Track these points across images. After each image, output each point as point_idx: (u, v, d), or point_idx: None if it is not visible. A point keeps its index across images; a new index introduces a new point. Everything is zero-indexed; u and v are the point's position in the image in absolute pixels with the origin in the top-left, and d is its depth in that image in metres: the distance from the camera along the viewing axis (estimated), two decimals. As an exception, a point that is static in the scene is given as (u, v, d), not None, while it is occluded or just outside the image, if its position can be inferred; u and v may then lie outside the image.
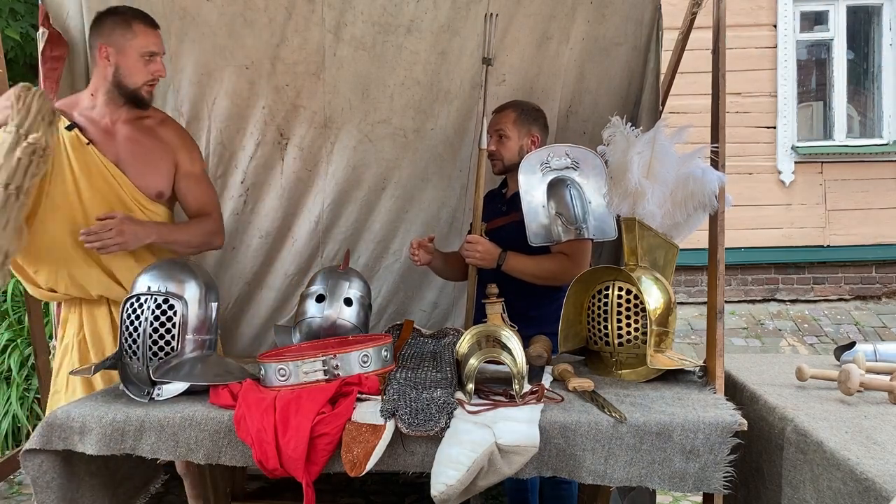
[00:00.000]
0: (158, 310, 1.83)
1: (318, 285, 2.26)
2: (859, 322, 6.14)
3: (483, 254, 2.44)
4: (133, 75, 2.24)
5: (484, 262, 2.46)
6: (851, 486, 1.33)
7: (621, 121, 2.09)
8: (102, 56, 2.23)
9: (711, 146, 1.98)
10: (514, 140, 2.57)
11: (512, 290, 2.43)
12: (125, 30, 2.22)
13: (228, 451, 1.67)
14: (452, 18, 2.78)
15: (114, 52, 2.22)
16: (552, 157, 2.46)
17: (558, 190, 2.46)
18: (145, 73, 2.25)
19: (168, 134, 2.42)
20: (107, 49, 2.22)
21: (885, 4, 6.47)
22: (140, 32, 2.23)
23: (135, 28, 2.22)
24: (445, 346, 2.14)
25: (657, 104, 2.82)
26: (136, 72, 2.24)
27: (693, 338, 5.87)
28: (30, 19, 5.62)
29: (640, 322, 2.00)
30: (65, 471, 1.76)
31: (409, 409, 1.62)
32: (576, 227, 2.43)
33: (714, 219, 1.99)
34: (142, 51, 2.23)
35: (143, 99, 2.29)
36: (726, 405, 1.72)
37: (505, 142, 2.58)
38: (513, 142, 2.57)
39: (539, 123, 2.64)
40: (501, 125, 2.58)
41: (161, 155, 2.38)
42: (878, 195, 6.41)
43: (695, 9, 2.44)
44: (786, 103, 6.38)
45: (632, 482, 1.62)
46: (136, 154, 2.32)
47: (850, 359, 2.00)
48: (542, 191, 2.45)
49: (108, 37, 2.22)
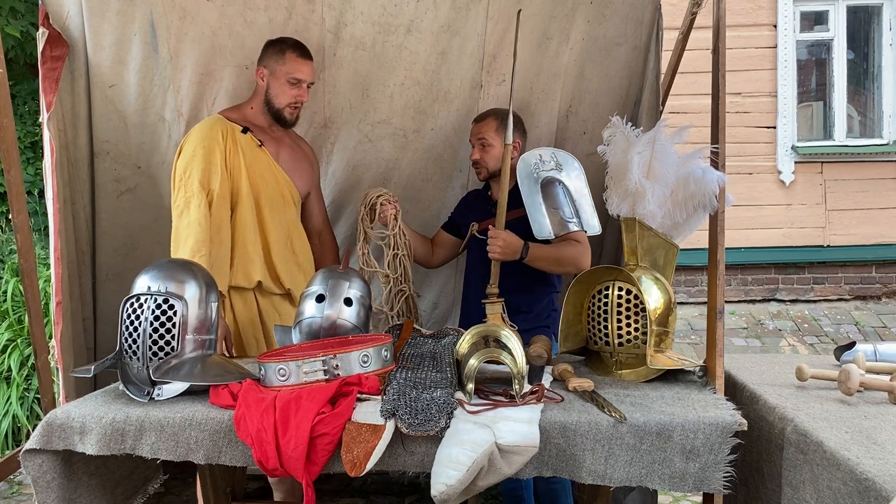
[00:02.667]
0: (158, 310, 1.83)
1: (318, 285, 2.26)
2: (859, 322, 6.14)
3: (505, 246, 2.46)
4: (278, 96, 2.55)
5: (506, 254, 2.47)
6: (851, 486, 1.33)
7: (621, 121, 2.09)
8: (259, 76, 2.58)
9: (711, 146, 1.98)
10: (497, 147, 2.63)
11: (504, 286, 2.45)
12: (279, 56, 2.54)
13: (228, 451, 1.67)
14: (452, 18, 2.78)
15: (267, 73, 2.56)
16: (542, 160, 2.63)
17: (551, 189, 2.59)
18: (289, 95, 2.55)
19: (305, 146, 2.82)
20: (262, 70, 2.57)
21: (885, 4, 6.47)
22: (290, 60, 2.53)
23: (287, 56, 2.53)
24: (445, 346, 2.13)
25: (657, 104, 2.82)
26: (280, 93, 2.54)
27: (693, 338, 5.87)
28: (30, 18, 5.62)
29: (640, 322, 2.00)
30: (65, 471, 1.76)
31: (409, 409, 1.62)
32: (570, 221, 2.56)
33: (714, 219, 1.99)
34: (288, 76, 2.53)
35: (285, 119, 2.60)
36: (726, 405, 1.72)
37: (488, 150, 2.66)
38: (496, 149, 2.64)
39: (518, 129, 2.72)
40: (483, 134, 2.66)
41: (307, 162, 2.76)
42: (878, 195, 6.41)
43: (695, 9, 2.44)
44: (786, 103, 6.38)
45: (632, 482, 1.62)
46: (293, 158, 2.68)
47: (850, 359, 2.00)
48: (538, 190, 2.58)
49: (265, 60, 2.57)
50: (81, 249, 2.86)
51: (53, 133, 2.63)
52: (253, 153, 2.55)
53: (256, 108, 2.61)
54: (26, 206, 2.41)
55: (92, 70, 2.77)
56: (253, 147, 2.55)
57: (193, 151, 2.46)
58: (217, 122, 2.54)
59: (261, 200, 2.55)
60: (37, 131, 6.23)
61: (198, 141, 2.48)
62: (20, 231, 2.36)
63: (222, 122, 2.54)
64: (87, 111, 2.82)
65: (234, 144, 2.51)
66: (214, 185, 2.44)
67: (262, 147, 2.57)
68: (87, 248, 2.91)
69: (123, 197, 2.94)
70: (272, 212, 2.57)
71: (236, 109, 2.65)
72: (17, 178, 2.33)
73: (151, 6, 2.69)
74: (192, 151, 2.47)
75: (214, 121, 2.56)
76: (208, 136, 2.48)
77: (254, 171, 2.54)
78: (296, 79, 2.54)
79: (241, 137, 2.53)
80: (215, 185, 2.44)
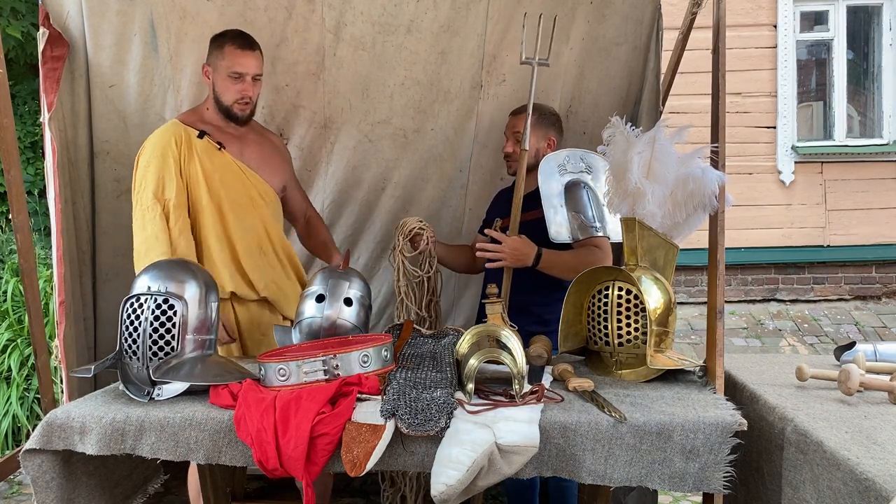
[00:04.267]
0: (158, 310, 1.83)
1: (318, 285, 2.26)
2: (859, 322, 6.14)
3: (517, 253, 2.43)
4: (224, 93, 2.45)
5: (519, 261, 2.44)
6: (851, 486, 1.33)
7: (621, 121, 2.09)
8: (204, 74, 2.49)
9: (711, 146, 1.98)
10: (532, 143, 2.59)
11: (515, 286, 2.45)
12: (218, 51, 2.44)
13: (228, 451, 1.67)
14: (452, 18, 2.78)
15: (211, 70, 2.46)
16: (569, 161, 2.59)
17: (575, 192, 2.57)
18: (233, 91, 2.43)
19: (274, 138, 2.73)
20: (206, 68, 2.47)
21: (885, 4, 6.47)
22: (228, 54, 2.41)
23: (225, 50, 2.42)
24: (445, 346, 2.13)
25: (657, 104, 2.82)
26: (225, 90, 2.44)
27: (693, 338, 5.87)
28: (31, 18, 5.62)
29: (640, 322, 2.00)
30: (64, 470, 1.76)
31: (409, 409, 1.62)
32: (592, 226, 2.52)
33: (714, 219, 1.99)
34: (229, 71, 2.41)
35: (236, 116, 2.48)
36: (726, 405, 1.72)
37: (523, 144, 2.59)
38: (531, 144, 2.58)
39: (556, 127, 2.70)
40: (520, 128, 2.60)
41: (277, 155, 2.66)
42: (878, 195, 6.41)
43: (695, 9, 2.44)
44: (786, 103, 6.38)
45: (632, 482, 1.62)
46: (260, 154, 2.57)
47: (850, 359, 2.00)
48: (560, 192, 2.55)
49: (208, 56, 2.48)
50: (82, 249, 2.87)
51: (55, 133, 2.63)
52: (212, 158, 2.43)
53: (211, 108, 2.50)
54: (26, 206, 2.41)
55: (92, 70, 2.77)
56: (212, 151, 2.43)
57: (147, 162, 2.38)
58: (171, 129, 2.43)
59: (224, 207, 2.43)
60: (37, 131, 6.23)
61: (151, 150, 2.39)
62: (20, 231, 2.36)
63: (177, 128, 2.43)
64: (87, 111, 2.82)
65: (190, 151, 2.40)
66: (169, 195, 2.34)
67: (223, 150, 2.45)
68: (88, 248, 2.91)
69: (123, 197, 2.94)
70: (238, 217, 2.45)
71: (194, 112, 2.55)
72: (17, 178, 2.33)
73: (151, 6, 2.69)
74: (147, 162, 2.38)
75: (169, 127, 2.45)
76: (160, 145, 2.38)
77: (213, 177, 2.42)
78: (236, 73, 2.40)
79: (198, 143, 2.41)
80: (170, 194, 2.34)
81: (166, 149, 2.38)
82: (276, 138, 2.76)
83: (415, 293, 2.53)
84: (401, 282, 2.52)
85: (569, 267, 2.45)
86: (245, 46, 2.43)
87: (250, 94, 2.46)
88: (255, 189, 2.51)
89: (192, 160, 2.41)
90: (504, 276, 2.47)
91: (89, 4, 2.66)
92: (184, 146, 2.40)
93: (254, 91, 2.47)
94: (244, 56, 2.42)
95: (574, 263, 2.42)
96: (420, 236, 2.53)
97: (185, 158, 2.40)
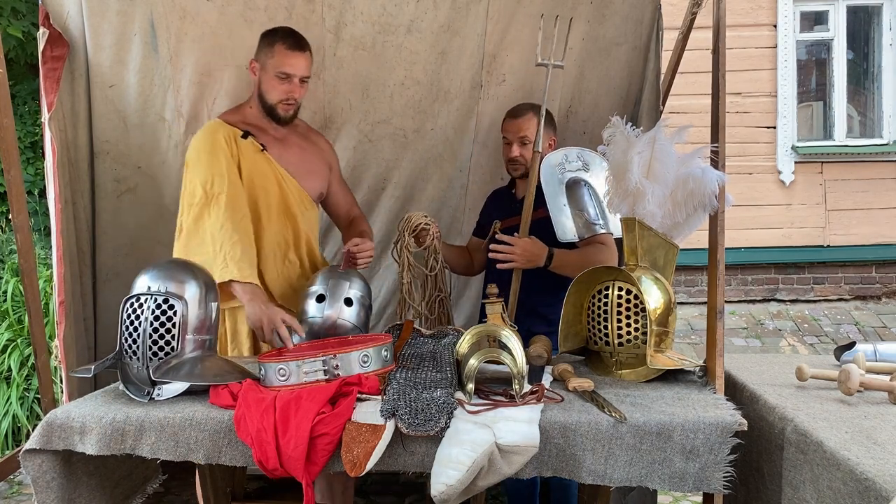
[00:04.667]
0: (158, 310, 1.83)
1: (318, 285, 2.26)
2: (859, 322, 6.14)
3: (528, 254, 2.43)
4: (269, 91, 2.40)
5: (530, 262, 2.45)
6: (851, 486, 1.33)
7: (621, 121, 2.09)
8: (251, 69, 2.43)
9: (711, 146, 1.98)
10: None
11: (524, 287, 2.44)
12: (268, 48, 2.38)
13: (228, 451, 1.67)
14: (452, 18, 2.78)
15: (258, 67, 2.42)
16: (567, 159, 2.59)
17: (576, 190, 2.57)
18: (279, 91, 2.38)
19: (319, 140, 2.66)
20: (254, 64, 2.43)
21: (885, 4, 6.47)
22: (278, 52, 2.36)
23: (276, 48, 2.37)
24: (445, 346, 2.13)
25: (657, 104, 2.82)
26: (271, 89, 2.39)
27: (693, 338, 5.87)
28: (31, 18, 5.63)
29: (640, 322, 2.00)
30: (64, 470, 1.76)
31: (409, 409, 1.62)
32: (596, 224, 2.52)
33: (714, 219, 1.99)
34: (277, 70, 2.36)
35: (279, 116, 2.43)
36: (726, 405, 1.72)
37: (529, 147, 2.59)
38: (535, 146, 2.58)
39: (553, 127, 2.71)
40: (525, 132, 2.58)
41: (319, 159, 2.59)
42: (878, 195, 6.41)
43: (695, 9, 2.44)
44: (786, 103, 6.38)
45: (632, 482, 1.62)
46: (301, 159, 2.51)
47: (850, 359, 2.00)
48: (562, 191, 2.55)
49: (257, 52, 2.43)
50: (82, 249, 2.87)
51: (55, 133, 2.63)
52: (254, 160, 2.40)
53: (255, 106, 2.47)
54: (26, 206, 2.41)
55: (92, 70, 2.77)
56: (254, 153, 2.40)
57: (196, 159, 2.35)
58: (219, 127, 2.41)
59: (259, 209, 2.41)
60: (37, 131, 6.23)
61: (200, 147, 2.36)
62: (20, 231, 2.36)
63: (224, 128, 2.40)
64: (87, 111, 2.82)
65: (238, 150, 2.38)
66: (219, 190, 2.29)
67: (265, 152, 2.42)
68: (88, 248, 2.91)
69: (123, 197, 2.94)
70: (269, 222, 2.42)
71: (236, 111, 2.52)
72: (17, 178, 2.33)
73: (151, 6, 2.69)
74: (196, 160, 2.35)
75: (215, 126, 2.42)
76: (210, 142, 2.35)
77: (252, 179, 2.39)
78: (284, 73, 2.36)
79: (242, 143, 2.38)
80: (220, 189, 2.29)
81: (216, 145, 2.34)
82: (320, 140, 2.68)
83: (418, 291, 2.48)
84: (405, 279, 2.46)
85: (579, 266, 2.41)
86: (295, 47, 2.38)
87: (296, 95, 2.41)
88: (292, 196, 2.46)
89: (241, 158, 2.38)
90: (513, 278, 2.48)
91: (89, 4, 2.66)
92: (232, 143, 2.37)
93: (300, 93, 2.43)
94: (294, 56, 2.37)
95: (584, 262, 2.39)
96: (426, 231, 2.48)
97: (235, 155, 2.37)
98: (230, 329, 2.44)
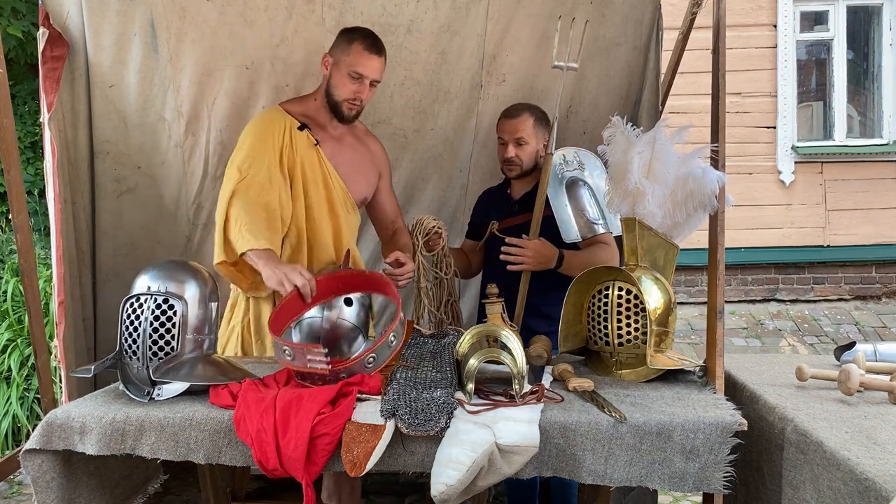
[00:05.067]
0: (158, 310, 1.83)
1: (318, 285, 2.25)
2: (859, 322, 6.14)
3: (539, 256, 2.44)
4: (338, 87, 2.39)
5: (542, 264, 2.45)
6: (851, 486, 1.33)
7: (621, 121, 2.09)
8: (324, 64, 2.42)
9: (711, 146, 1.98)
10: (532, 145, 2.61)
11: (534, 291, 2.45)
12: (346, 45, 2.38)
13: (228, 451, 1.67)
14: (452, 18, 2.78)
15: (331, 62, 2.40)
16: (564, 160, 2.61)
17: (575, 190, 2.58)
18: (348, 90, 2.37)
19: (374, 144, 2.63)
20: (328, 58, 2.41)
21: (885, 4, 6.47)
22: (355, 52, 2.36)
23: (353, 47, 2.36)
24: (445, 346, 2.14)
25: (657, 104, 2.82)
26: (340, 86, 2.38)
27: (693, 338, 5.87)
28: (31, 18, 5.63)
29: (640, 322, 2.00)
30: (64, 470, 1.76)
31: (409, 409, 1.62)
32: (597, 223, 2.54)
33: (714, 219, 1.99)
34: (350, 69, 2.36)
35: (343, 113, 2.42)
36: (726, 405, 1.72)
37: (524, 147, 2.60)
38: (531, 147, 2.61)
39: (549, 127, 2.68)
40: (521, 132, 2.59)
41: (370, 164, 2.57)
42: (878, 195, 6.41)
43: (695, 9, 2.44)
44: (786, 103, 6.38)
45: (632, 482, 1.62)
46: (352, 160, 2.50)
47: (850, 359, 2.00)
48: (563, 191, 2.56)
49: (333, 48, 2.42)
50: (81, 249, 2.86)
51: (55, 133, 2.63)
52: (306, 152, 2.39)
53: (319, 99, 2.45)
54: (26, 206, 2.41)
55: (92, 70, 2.77)
56: (308, 146, 2.39)
57: (243, 139, 2.37)
58: (276, 114, 2.41)
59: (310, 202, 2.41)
60: (37, 131, 6.23)
61: (252, 130, 2.39)
62: (20, 231, 2.36)
63: (282, 115, 2.41)
64: (87, 111, 2.82)
65: (291, 140, 2.37)
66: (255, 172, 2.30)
67: (318, 146, 2.41)
68: (87, 248, 2.91)
69: (123, 197, 2.94)
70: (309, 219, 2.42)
71: (299, 101, 2.51)
72: (17, 178, 2.33)
73: (151, 6, 2.69)
74: (243, 139, 2.37)
75: (273, 113, 2.43)
76: (262, 127, 2.38)
77: (305, 173, 2.38)
78: (357, 73, 2.35)
79: (298, 134, 2.38)
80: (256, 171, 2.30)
81: (266, 132, 2.36)
82: (376, 144, 2.65)
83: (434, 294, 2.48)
84: (421, 282, 2.46)
85: (586, 266, 2.43)
86: (373, 50, 2.38)
87: (364, 96, 2.41)
88: (337, 196, 2.45)
89: (293, 150, 2.38)
90: (522, 280, 2.49)
91: (89, 4, 2.66)
92: (286, 133, 2.38)
93: (368, 95, 2.42)
94: (370, 59, 2.37)
95: (591, 262, 2.39)
96: (438, 235, 2.48)
97: (287, 147, 2.37)
98: (253, 321, 2.44)
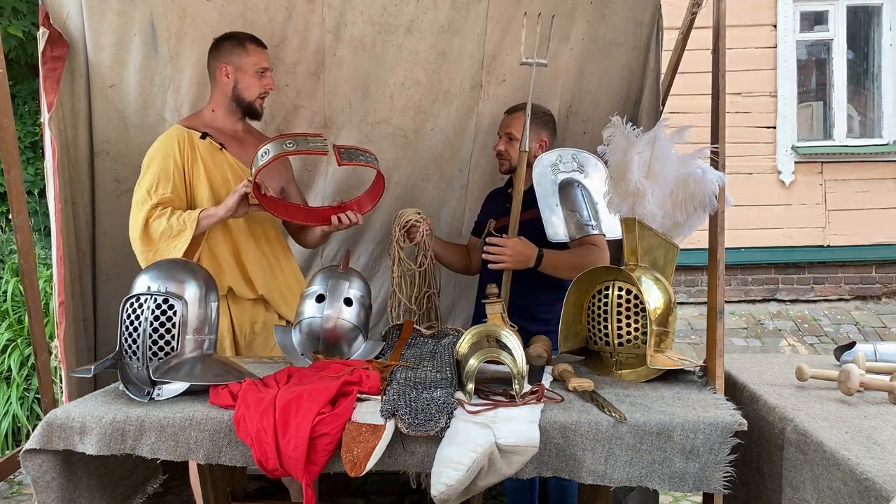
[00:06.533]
0: (158, 310, 1.83)
1: (317, 285, 2.26)
2: (859, 322, 6.14)
3: (518, 255, 2.44)
4: (248, 89, 2.54)
5: (520, 263, 2.45)
6: (851, 486, 1.33)
7: (621, 121, 2.09)
8: (223, 74, 2.53)
9: (711, 146, 1.98)
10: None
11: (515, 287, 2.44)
12: (240, 49, 2.52)
13: (228, 451, 1.67)
14: (452, 18, 2.78)
15: (232, 69, 2.52)
16: (561, 160, 2.60)
17: (569, 191, 2.57)
18: (259, 86, 2.55)
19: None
20: (226, 67, 2.52)
21: (885, 4, 6.47)
22: (253, 52, 2.53)
23: (248, 48, 2.53)
24: (445, 346, 2.14)
25: (657, 104, 2.82)
26: (250, 86, 2.54)
27: (693, 338, 5.87)
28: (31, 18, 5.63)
29: (640, 322, 2.00)
30: (64, 471, 1.76)
31: (409, 409, 1.62)
32: (588, 225, 2.52)
33: (714, 219, 1.99)
34: (255, 67, 2.52)
35: (256, 110, 2.60)
36: (726, 405, 1.72)
37: (513, 143, 2.63)
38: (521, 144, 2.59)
39: (549, 128, 2.70)
40: (512, 128, 2.63)
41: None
42: (878, 195, 6.41)
43: (695, 9, 2.44)
44: (786, 103, 6.38)
45: (632, 482, 1.62)
46: None
47: (850, 359, 2.00)
48: (555, 191, 2.56)
49: (226, 56, 2.53)
50: (81, 249, 2.86)
51: (55, 133, 2.63)
52: (214, 158, 2.51)
53: (218, 109, 2.57)
54: (26, 206, 2.41)
55: (92, 70, 2.77)
56: (214, 152, 2.51)
57: (148, 164, 2.46)
58: (174, 133, 2.51)
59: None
60: (37, 131, 6.23)
61: (153, 153, 2.47)
62: (20, 231, 2.36)
63: (179, 132, 2.50)
64: (87, 111, 2.82)
65: (193, 152, 2.48)
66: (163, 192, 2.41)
67: (224, 150, 2.52)
68: (87, 248, 2.91)
69: (123, 197, 2.93)
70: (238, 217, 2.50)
71: (195, 116, 2.63)
72: (17, 178, 2.33)
73: (151, 6, 2.69)
74: (147, 164, 2.46)
75: (171, 132, 2.53)
76: (162, 148, 2.47)
77: (215, 176, 2.50)
78: (262, 68, 2.53)
79: (201, 144, 2.49)
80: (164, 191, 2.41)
81: (167, 151, 2.46)
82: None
83: (408, 286, 2.55)
84: (395, 272, 2.56)
85: (569, 266, 2.45)
86: (261, 45, 2.56)
87: (273, 87, 2.60)
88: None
89: (196, 161, 2.48)
90: (504, 278, 2.48)
91: (89, 4, 2.66)
92: (186, 148, 2.48)
93: (273, 85, 2.60)
94: (264, 53, 2.56)
95: (574, 263, 2.42)
96: (416, 228, 2.55)
97: (189, 160, 2.48)
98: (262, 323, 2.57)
